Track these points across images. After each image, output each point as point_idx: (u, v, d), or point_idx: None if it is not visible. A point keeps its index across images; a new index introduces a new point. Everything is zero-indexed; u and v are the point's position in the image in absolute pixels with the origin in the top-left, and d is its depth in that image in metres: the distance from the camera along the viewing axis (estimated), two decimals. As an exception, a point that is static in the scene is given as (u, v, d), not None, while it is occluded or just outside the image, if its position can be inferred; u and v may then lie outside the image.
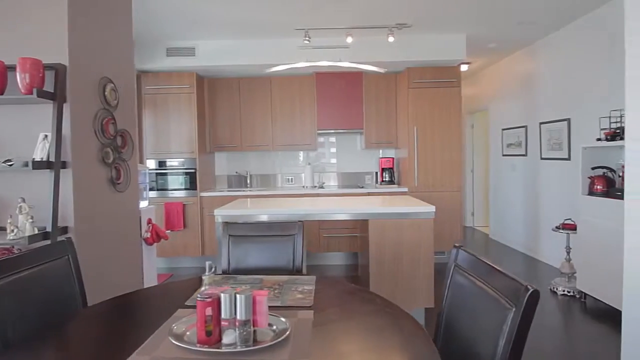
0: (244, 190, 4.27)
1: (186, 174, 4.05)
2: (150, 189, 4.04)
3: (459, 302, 1.21)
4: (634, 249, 1.76)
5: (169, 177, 4.07)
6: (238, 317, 0.98)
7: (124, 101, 2.46)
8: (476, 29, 3.68)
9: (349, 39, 3.55)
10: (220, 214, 2.61)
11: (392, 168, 4.46)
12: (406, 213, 2.56)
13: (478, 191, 6.16)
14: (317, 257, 4.16)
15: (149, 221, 2.81)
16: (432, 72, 3.99)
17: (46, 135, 1.90)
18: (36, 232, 1.82)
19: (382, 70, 3.17)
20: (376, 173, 4.62)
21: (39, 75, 1.81)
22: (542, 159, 4.06)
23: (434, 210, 2.56)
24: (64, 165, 1.94)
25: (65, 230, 1.95)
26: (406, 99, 4.03)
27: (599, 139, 2.90)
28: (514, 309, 0.91)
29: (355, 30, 3.58)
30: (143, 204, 2.90)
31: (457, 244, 1.32)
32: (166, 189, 4.06)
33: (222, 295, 0.99)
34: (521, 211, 4.52)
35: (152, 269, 2.88)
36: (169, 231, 3.97)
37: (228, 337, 0.98)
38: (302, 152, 4.67)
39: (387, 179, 4.45)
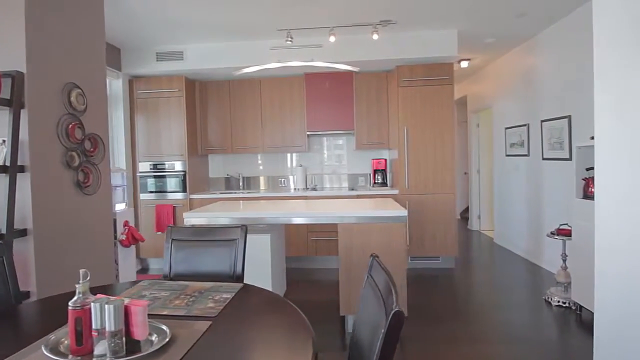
0: (234, 193, 4.28)
1: (176, 176, 4.11)
2: (143, 192, 4.13)
3: (363, 313, 1.15)
4: (603, 249, 1.60)
5: (160, 180, 4.13)
6: (107, 327, 0.94)
7: (93, 106, 2.50)
8: (468, 24, 3.52)
9: (332, 38, 3.47)
10: (190, 217, 2.61)
11: (384, 170, 4.34)
12: (376, 217, 2.46)
13: (484, 193, 5.90)
14: (306, 261, 4.10)
15: (125, 223, 2.85)
16: (422, 70, 3.85)
17: (4, 140, 1.95)
18: (-8, 234, 1.87)
19: (355, 69, 3.07)
20: (370, 175, 4.50)
21: (-6, 82, 1.86)
22: (543, 159, 3.82)
23: (406, 215, 2.44)
24: (22, 169, 1.98)
25: (24, 232, 1.99)
26: (396, 98, 3.90)
27: (592, 137, 2.68)
28: (383, 330, 0.83)
29: (339, 29, 3.51)
30: (120, 206, 2.95)
31: (373, 254, 1.24)
32: (158, 191, 4.13)
33: (92, 304, 0.96)
34: (524, 214, 4.28)
35: (130, 269, 2.92)
36: (159, 232, 4.04)
37: (99, 348, 0.95)
38: (293, 154, 4.63)
39: (379, 181, 4.33)
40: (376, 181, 4.34)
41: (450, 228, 3.89)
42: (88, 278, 0.99)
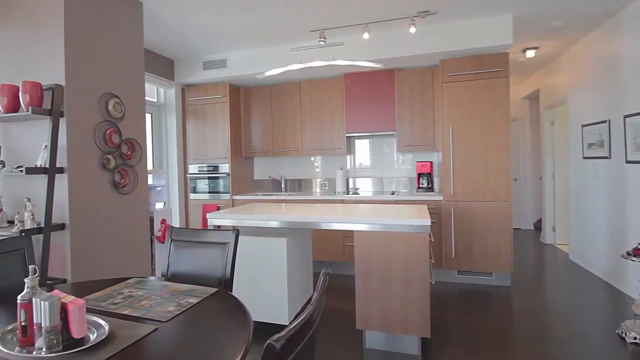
0: (275, 195, 4.33)
1: (221, 178, 4.31)
2: (192, 192, 4.42)
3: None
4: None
5: (207, 181, 4.38)
6: (42, 323, 0.97)
7: (131, 113, 2.73)
8: (525, 6, 3.05)
9: (366, 35, 3.31)
10: (212, 218, 2.69)
11: (430, 173, 3.99)
12: (395, 225, 2.24)
13: (560, 202, 5.10)
14: (341, 266, 3.96)
15: (163, 221, 3.05)
16: (470, 63, 3.45)
17: (46, 146, 2.22)
18: (34, 226, 2.13)
19: (378, 66, 2.85)
20: (416, 178, 4.19)
21: (37, 95, 2.12)
22: (627, 162, 3.15)
23: (429, 224, 2.18)
24: (60, 170, 2.23)
25: (62, 226, 2.24)
26: (440, 94, 3.57)
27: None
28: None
29: (373, 25, 3.34)
30: (159, 205, 3.17)
31: (326, 269, 1.09)
32: (205, 192, 4.38)
33: (34, 299, 1.00)
34: (603, 228, 3.58)
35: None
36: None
37: (39, 342, 0.98)
38: (335, 156, 4.54)
39: (424, 186, 4.00)
40: (421, 185, 4.02)
41: (504, 240, 3.41)
42: (37, 274, 1.04)
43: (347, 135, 4.11)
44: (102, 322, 1.09)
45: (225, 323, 1.20)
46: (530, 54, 4.21)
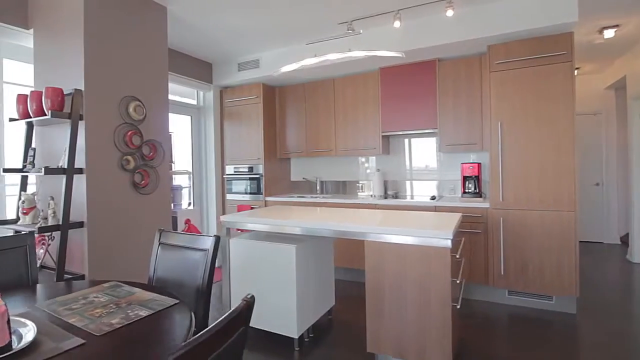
0: (309, 197, 4.18)
1: (255, 179, 4.29)
2: (229, 192, 4.47)
3: None
4: None
5: (242, 182, 4.39)
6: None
7: (153, 115, 2.78)
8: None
9: (397, 23, 2.99)
10: (225, 219, 2.62)
11: (477, 176, 3.50)
12: (408, 237, 1.93)
13: (654, 212, 4.16)
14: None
15: (187, 221, 3.08)
16: (524, 47, 2.93)
17: (66, 148, 2.33)
18: (54, 223, 2.25)
19: (399, 54, 2.50)
20: (460, 182, 3.72)
21: (58, 99, 2.23)
22: None
23: (450, 238, 1.83)
24: (80, 171, 2.33)
25: (81, 224, 2.33)
26: (488, 86, 3.09)
27: None
28: None
29: (405, 12, 3.01)
30: (184, 205, 3.21)
31: (246, 297, 0.88)
32: (240, 192, 4.40)
33: (-44, 306, 0.95)
34: None
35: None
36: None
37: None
38: (370, 157, 4.25)
39: (470, 190, 3.53)
40: (466, 190, 3.55)
41: (567, 257, 2.83)
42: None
43: (383, 134, 3.80)
44: (32, 331, 1.03)
45: (153, 345, 1.06)
46: (608, 33, 3.48)
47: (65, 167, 2.21)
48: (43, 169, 2.15)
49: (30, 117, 2.33)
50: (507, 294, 3.12)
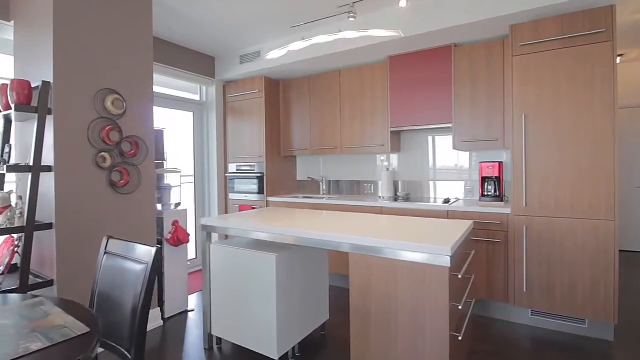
0: (315, 198, 3.91)
1: (256, 178, 4.06)
2: (232, 192, 4.28)
3: None
4: None
5: (243, 181, 4.18)
6: None
7: (135, 109, 2.60)
8: None
9: (403, 3, 2.64)
10: (205, 222, 2.39)
11: (498, 177, 3.09)
12: (398, 251, 1.61)
13: None
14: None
15: (175, 223, 2.89)
16: (553, 25, 2.49)
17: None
18: (21, 224, 2.11)
19: (397, 33, 2.15)
20: (479, 183, 3.32)
21: (25, 92, 2.08)
22: None
23: (449, 255, 1.49)
24: (49, 169, 2.17)
25: (50, 225, 2.17)
26: (510, 73, 2.67)
27: None
28: None
29: (414, -10, 2.65)
30: (172, 206, 3.03)
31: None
32: (242, 192, 4.19)
33: None
34: None
35: (178, 268, 2.96)
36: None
37: None
38: (380, 155, 3.91)
39: (490, 193, 3.11)
40: (486, 193, 3.14)
41: (604, 275, 2.39)
42: None
43: (392, 129, 3.45)
44: None
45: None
46: (662, 8, 2.94)
47: (30, 164, 2.06)
48: (5, 167, 2.00)
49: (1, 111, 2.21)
50: (530, 314, 2.71)
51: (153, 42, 3.53)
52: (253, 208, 4.04)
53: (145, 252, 1.35)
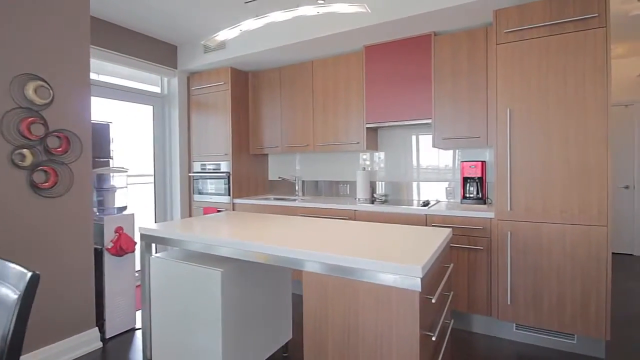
0: (287, 200, 3.59)
1: (221, 178, 3.72)
2: (196, 193, 3.92)
3: None
4: None
5: (207, 181, 3.83)
6: None
7: (66, 99, 2.23)
8: None
9: (376, -18, 2.36)
10: (143, 231, 2.05)
11: (481, 177, 2.84)
12: (359, 270, 1.32)
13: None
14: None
15: (118, 230, 2.53)
16: (541, 10, 2.25)
17: None
18: None
19: (362, 8, 1.87)
20: (462, 184, 3.07)
21: None
22: None
23: (420, 277, 1.21)
24: (-54, 167, 1.79)
25: (-50, 237, 1.80)
26: (494, 64, 2.42)
27: None
28: None
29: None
30: (116, 210, 2.66)
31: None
32: (206, 193, 3.84)
33: None
34: None
35: (124, 282, 2.60)
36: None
37: None
38: (357, 153, 3.63)
39: (472, 195, 2.87)
40: (467, 195, 2.89)
41: (595, 286, 2.16)
42: None
43: (368, 125, 3.17)
44: None
45: None
46: (654, -3, 2.75)
47: None
48: None
49: None
50: (515, 328, 2.47)
51: (106, 27, 3.19)
52: (219, 211, 3.70)
53: (17, 277, 1.01)
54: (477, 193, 2.84)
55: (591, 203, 2.17)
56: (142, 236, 2.02)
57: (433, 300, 1.29)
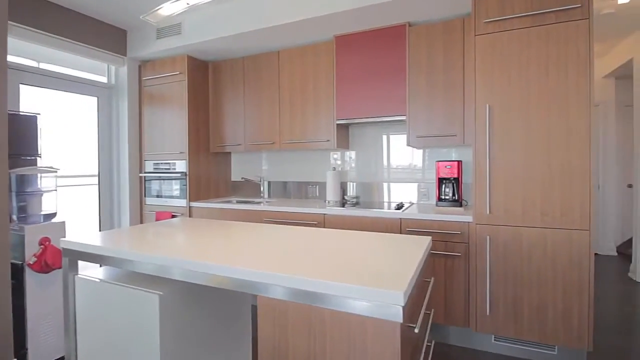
0: (250, 204, 3.28)
1: (177, 178, 3.35)
2: (149, 195, 3.52)
3: None
4: None
5: (161, 183, 3.45)
6: None
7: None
8: None
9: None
10: (65, 245, 1.68)
11: (457, 178, 2.68)
12: (331, 296, 1.06)
13: (666, 223, 3.46)
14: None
15: (43, 241, 2.13)
16: (520, 0, 2.10)
17: None
18: None
19: None
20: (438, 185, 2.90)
21: None
22: None
23: (402, 305, 0.97)
24: None
25: None
26: (472, 57, 2.25)
27: None
28: None
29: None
30: (43, 218, 2.26)
31: None
32: (160, 196, 3.45)
33: None
34: None
35: (48, 303, 2.20)
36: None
37: None
38: (327, 152, 3.38)
39: (447, 197, 2.70)
40: (443, 197, 2.72)
41: (578, 294, 2.04)
42: None
43: (339, 122, 2.93)
44: None
45: None
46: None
47: None
48: None
49: None
50: (494, 339, 2.31)
51: (44, 6, 2.75)
52: (174, 216, 3.33)
53: None
54: (453, 195, 2.68)
55: (573, 205, 2.04)
56: (65, 251, 1.66)
57: (416, 330, 1.05)
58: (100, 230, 3.35)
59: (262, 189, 3.63)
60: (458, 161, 2.66)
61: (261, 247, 1.48)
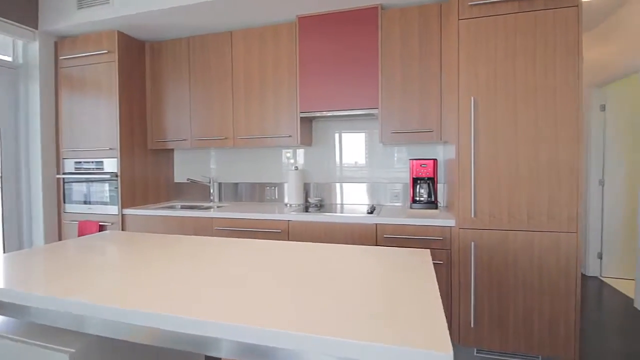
0: (198, 209, 2.80)
1: (106, 180, 2.77)
2: (69, 201, 2.88)
3: None
4: None
5: (86, 185, 2.84)
6: None
7: None
8: None
9: None
10: None
11: (432, 178, 2.48)
12: (312, 353, 0.71)
13: (613, 217, 3.61)
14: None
15: None
16: (510, -19, 1.93)
17: None
18: None
19: None
20: (409, 186, 2.68)
21: None
22: None
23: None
24: None
25: None
26: (455, 42, 2.04)
27: None
28: None
29: None
30: None
31: None
32: (84, 202, 2.84)
33: None
34: None
35: None
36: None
37: None
38: (286, 149, 3.02)
39: (422, 198, 2.49)
40: (417, 198, 2.50)
41: (565, 302, 1.91)
42: None
43: (302, 115, 2.59)
44: None
45: None
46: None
47: None
48: None
49: None
50: (476, 352, 2.13)
51: None
52: (102, 226, 2.74)
53: None
54: (429, 196, 2.47)
55: (560, 207, 1.91)
56: None
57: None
58: (4, 252, 2.66)
59: (211, 191, 3.16)
60: (434, 159, 2.45)
61: (212, 277, 1.09)
